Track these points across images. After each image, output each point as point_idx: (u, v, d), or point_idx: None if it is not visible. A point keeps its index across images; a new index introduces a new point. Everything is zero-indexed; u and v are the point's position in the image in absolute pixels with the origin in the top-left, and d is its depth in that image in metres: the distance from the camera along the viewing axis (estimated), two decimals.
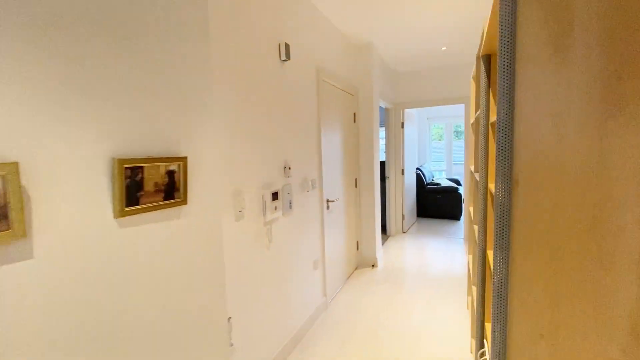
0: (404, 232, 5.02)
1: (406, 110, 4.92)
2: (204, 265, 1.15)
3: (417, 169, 6.10)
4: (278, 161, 1.97)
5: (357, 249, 3.63)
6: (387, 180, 4.83)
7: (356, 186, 3.54)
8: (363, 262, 3.68)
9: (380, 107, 6.40)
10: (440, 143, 9.26)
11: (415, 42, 3.45)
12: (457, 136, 8.84)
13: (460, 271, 3.40)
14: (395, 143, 4.82)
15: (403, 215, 4.97)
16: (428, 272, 3.42)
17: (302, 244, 2.30)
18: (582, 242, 0.46)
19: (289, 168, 2.06)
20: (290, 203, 2.08)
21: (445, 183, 6.63)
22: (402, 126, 4.84)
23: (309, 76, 2.40)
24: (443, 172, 9.51)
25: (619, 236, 0.38)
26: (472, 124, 2.45)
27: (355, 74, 3.47)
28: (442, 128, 10.06)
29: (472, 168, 2.29)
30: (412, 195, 5.54)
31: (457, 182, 7.33)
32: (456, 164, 9.28)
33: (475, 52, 3.88)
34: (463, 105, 4.48)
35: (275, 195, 1.90)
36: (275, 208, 1.90)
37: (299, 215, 2.24)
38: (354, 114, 3.45)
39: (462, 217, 5.85)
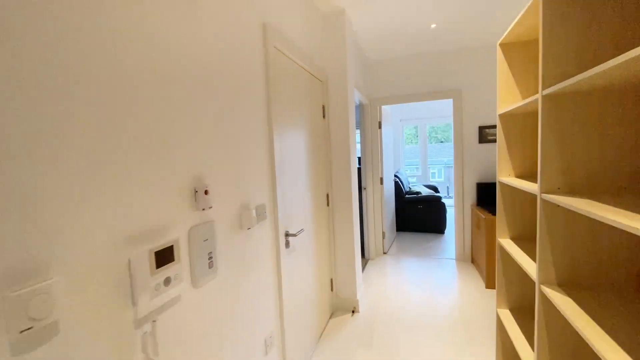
0: (384, 253, 4.17)
1: (383, 108, 4.11)
2: None
3: (395, 176, 5.33)
4: (177, 181, 0.98)
5: (332, 289, 2.69)
6: (364, 192, 3.97)
7: (328, 204, 2.61)
8: (340, 306, 2.75)
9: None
10: (413, 147, 8.69)
11: (398, 15, 2.62)
12: (431, 139, 8.30)
13: (465, 310, 2.58)
14: (372, 146, 3.98)
15: (383, 233, 4.12)
16: (425, 317, 2.56)
17: (239, 324, 1.30)
18: None
19: (206, 192, 1.07)
20: (210, 259, 1.09)
21: (424, 191, 5.94)
22: (380, 126, 4.02)
23: (249, 34, 1.44)
24: (415, 178, 8.93)
25: None
26: (502, 115, 1.63)
27: (324, 51, 2.56)
28: (413, 132, 9.55)
29: (512, 181, 1.44)
30: (392, 207, 4.73)
31: (435, 189, 6.71)
32: (431, 165, 8.75)
33: (480, 23, 3.14)
34: (451, 100, 3.77)
35: (164, 255, 0.90)
36: (167, 281, 0.90)
37: (230, 276, 1.25)
38: (323, 107, 2.53)
39: (447, 231, 5.14)
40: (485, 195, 3.49)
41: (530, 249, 1.53)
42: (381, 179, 4.04)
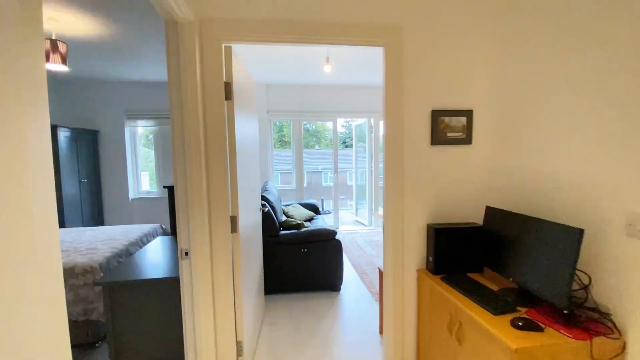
0: None
1: (235, 54, 1.80)
2: None
3: (264, 199, 3.08)
4: None
5: None
6: (184, 262, 1.53)
7: None
8: None
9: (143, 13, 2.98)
10: (285, 151, 6.77)
11: None
12: (310, 142, 6.56)
13: None
14: (213, 144, 1.60)
15: (239, 345, 1.80)
16: None
17: None
18: None
19: None
20: None
21: (302, 215, 3.97)
22: (230, 96, 1.69)
23: None
24: (276, 192, 6.98)
25: None
26: None
27: None
28: (277, 137, 7.64)
29: None
30: (258, 262, 2.46)
31: (315, 210, 4.85)
32: (309, 172, 7.00)
33: None
34: (381, 48, 1.80)
35: None
36: None
37: None
38: None
39: (343, 285, 3.26)
40: (450, 252, 1.68)
41: None
42: (234, 221, 1.71)
